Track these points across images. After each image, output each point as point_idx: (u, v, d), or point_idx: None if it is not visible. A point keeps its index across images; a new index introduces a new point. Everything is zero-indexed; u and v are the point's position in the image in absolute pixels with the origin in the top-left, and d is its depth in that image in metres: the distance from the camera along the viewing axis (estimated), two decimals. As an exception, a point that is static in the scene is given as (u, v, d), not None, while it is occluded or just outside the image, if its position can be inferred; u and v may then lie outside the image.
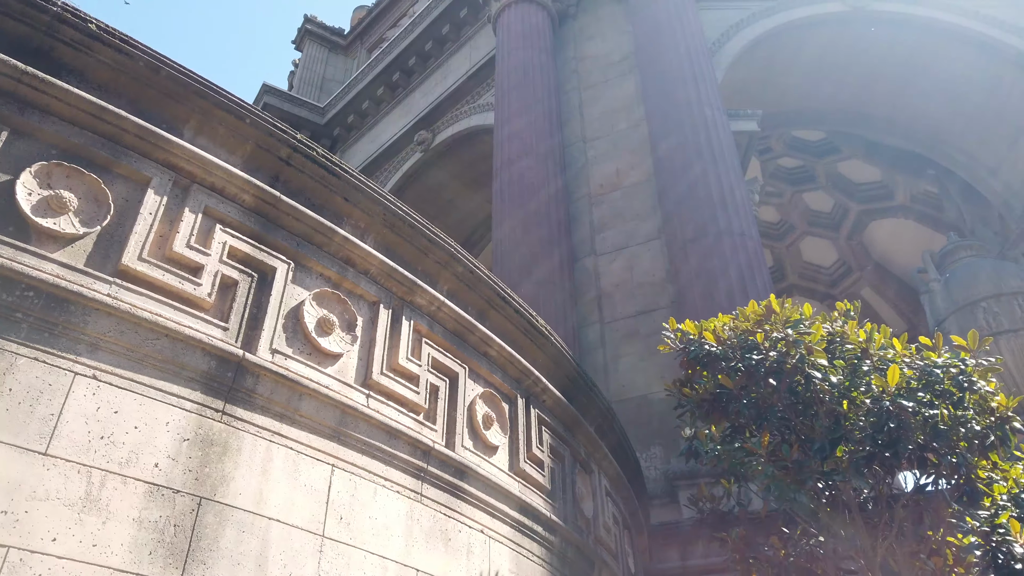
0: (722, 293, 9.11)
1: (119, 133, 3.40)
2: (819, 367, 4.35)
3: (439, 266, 4.83)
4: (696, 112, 11.11)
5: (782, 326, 4.60)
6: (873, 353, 4.55)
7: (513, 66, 13.30)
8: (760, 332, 4.64)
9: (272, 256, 3.82)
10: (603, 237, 11.50)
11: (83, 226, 3.14)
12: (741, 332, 4.75)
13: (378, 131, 18.06)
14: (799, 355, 4.40)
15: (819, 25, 14.22)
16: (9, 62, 3.10)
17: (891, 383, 4.16)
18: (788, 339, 4.50)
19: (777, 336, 4.55)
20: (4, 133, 3.05)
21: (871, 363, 4.50)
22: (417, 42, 17.38)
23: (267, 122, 4.07)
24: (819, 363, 4.36)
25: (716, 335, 4.81)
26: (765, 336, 4.60)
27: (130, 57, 3.60)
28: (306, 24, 22.13)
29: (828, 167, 20.22)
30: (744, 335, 4.72)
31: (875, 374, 4.37)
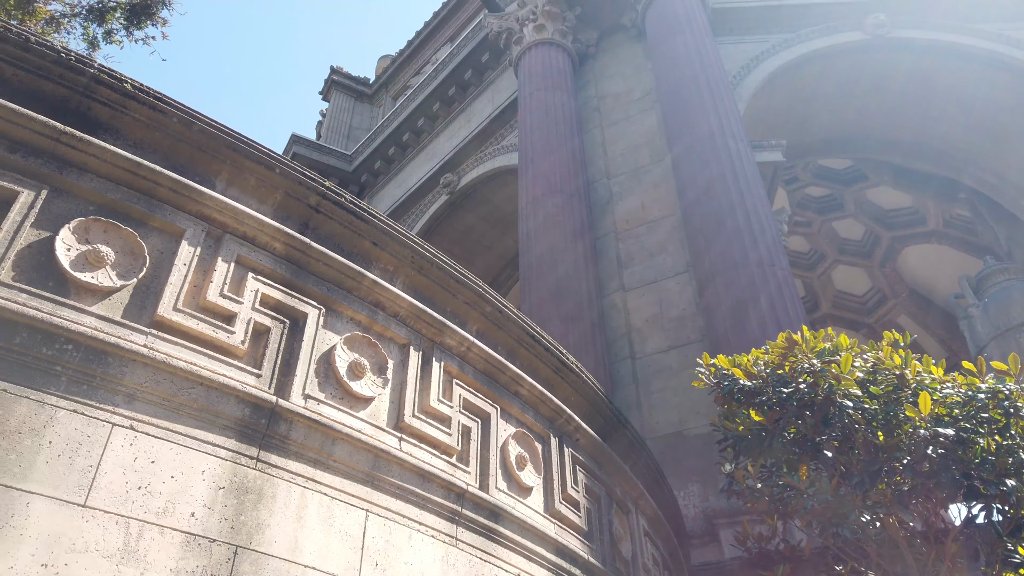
0: (754, 325, 9.00)
1: (154, 187, 3.49)
2: (851, 396, 4.25)
3: (468, 306, 4.85)
4: (719, 145, 11.12)
5: (808, 357, 4.53)
6: (910, 380, 4.43)
7: (535, 107, 13.47)
8: (787, 364, 4.57)
9: (303, 302, 3.87)
10: (630, 272, 11.47)
11: (120, 279, 3.21)
12: (771, 365, 4.68)
13: (404, 176, 18.34)
14: (828, 385, 4.31)
15: (840, 54, 14.23)
16: (48, 123, 3.22)
17: (924, 411, 4.04)
18: (814, 369, 4.42)
19: (804, 367, 4.47)
20: (44, 191, 3.16)
21: (908, 391, 4.38)
22: (440, 88, 17.72)
23: (296, 171, 4.16)
24: (852, 392, 4.26)
25: (747, 370, 4.74)
26: (792, 368, 4.52)
27: (163, 114, 3.71)
28: (332, 75, 22.71)
29: (856, 194, 20.04)
30: (774, 368, 4.65)
31: (911, 403, 4.26)
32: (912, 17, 14.26)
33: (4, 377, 2.76)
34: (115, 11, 11.16)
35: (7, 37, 3.27)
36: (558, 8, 14.61)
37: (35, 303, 2.92)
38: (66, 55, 3.49)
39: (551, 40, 14.37)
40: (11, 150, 3.16)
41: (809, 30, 14.17)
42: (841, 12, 14.29)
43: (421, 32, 21.76)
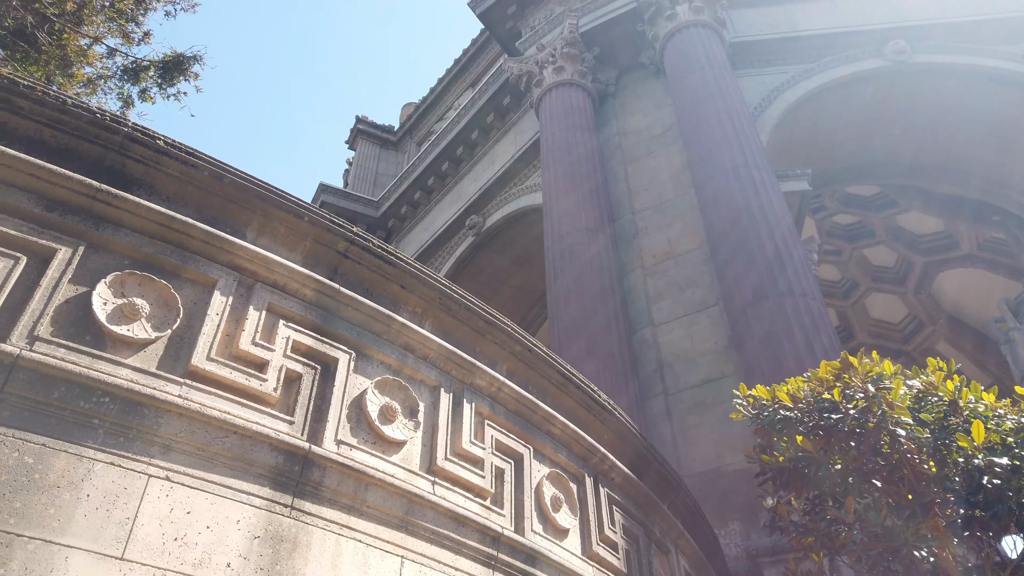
0: (788, 357, 8.84)
1: (187, 240, 3.57)
2: (903, 424, 4.13)
3: (497, 346, 4.84)
4: (744, 176, 11.09)
5: (861, 382, 4.40)
6: (963, 407, 4.28)
7: (558, 146, 13.59)
8: (837, 388, 4.45)
9: (334, 347, 3.89)
10: (660, 307, 11.39)
11: (155, 331, 3.26)
12: (816, 392, 4.56)
13: (431, 219, 18.54)
14: (881, 412, 4.18)
15: (861, 82, 14.20)
16: (85, 181, 3.31)
17: (977, 440, 3.91)
18: (868, 395, 4.30)
19: (856, 393, 4.35)
20: (81, 248, 3.23)
21: (960, 418, 4.24)
22: (463, 132, 17.98)
23: (324, 218, 4.22)
24: (903, 420, 4.14)
25: (791, 395, 4.63)
26: (842, 393, 4.40)
27: (195, 168, 3.81)
28: (358, 124, 23.21)
29: (886, 221, 19.79)
30: (819, 394, 4.53)
31: (963, 430, 4.12)
32: (933, 42, 14.22)
33: (43, 431, 2.80)
34: (149, 69, 11.57)
35: (46, 101, 3.39)
36: (576, 50, 14.82)
37: (73, 357, 2.98)
38: (101, 115, 3.61)
39: (571, 81, 14.55)
40: (49, 209, 3.26)
41: (828, 59, 14.18)
42: (860, 40, 14.31)
43: (443, 79, 22.19)
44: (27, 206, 3.21)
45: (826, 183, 16.48)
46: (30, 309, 2.97)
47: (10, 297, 2.97)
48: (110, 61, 11.50)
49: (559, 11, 15.61)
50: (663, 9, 14.08)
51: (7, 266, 3.01)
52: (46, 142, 3.50)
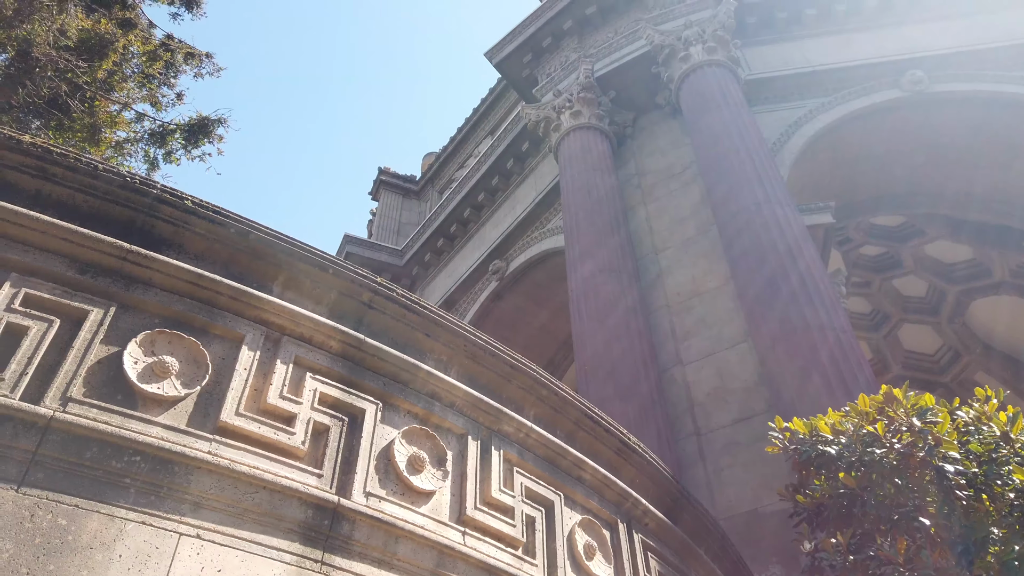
0: (821, 392, 8.68)
1: (214, 296, 3.62)
2: (951, 459, 4.00)
3: (523, 391, 4.81)
4: (766, 211, 11.06)
5: (906, 415, 4.29)
6: (1015, 439, 4.14)
7: (577, 188, 13.69)
8: (881, 422, 4.33)
9: (361, 398, 3.89)
10: (687, 345, 11.29)
11: (184, 388, 3.29)
12: (858, 425, 4.45)
13: (454, 266, 18.67)
14: (927, 447, 4.06)
15: (880, 113, 14.19)
16: (116, 243, 3.40)
17: (1031, 472, 3.78)
18: (914, 429, 4.18)
19: (900, 427, 4.23)
20: (112, 308, 3.30)
21: (1010, 450, 4.09)
22: (484, 179, 18.20)
23: (348, 270, 4.27)
24: (951, 455, 4.01)
25: (834, 428, 4.52)
26: (886, 427, 4.28)
27: (221, 226, 3.89)
28: (380, 176, 23.62)
29: (914, 251, 19.54)
30: (861, 428, 4.42)
31: (1015, 463, 3.97)
32: (951, 71, 14.20)
33: (76, 492, 2.82)
34: (175, 133, 11.95)
35: (78, 167, 3.50)
36: (592, 94, 15.02)
37: (105, 417, 3.01)
38: (131, 179, 3.72)
39: (588, 124, 14.72)
40: (82, 271, 3.34)
41: (845, 92, 14.21)
42: (876, 73, 14.34)
43: (462, 128, 22.56)
44: (60, 270, 3.29)
45: (850, 215, 16.36)
46: (63, 371, 3.03)
47: (44, 359, 3.03)
48: (138, 125, 11.91)
49: (574, 57, 15.88)
50: (677, 51, 14.26)
51: (41, 329, 3.07)
52: (78, 207, 3.60)
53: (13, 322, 3.04)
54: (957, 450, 4.02)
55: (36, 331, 3.06)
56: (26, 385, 2.93)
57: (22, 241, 3.25)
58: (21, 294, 3.12)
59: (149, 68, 11.31)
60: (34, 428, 2.83)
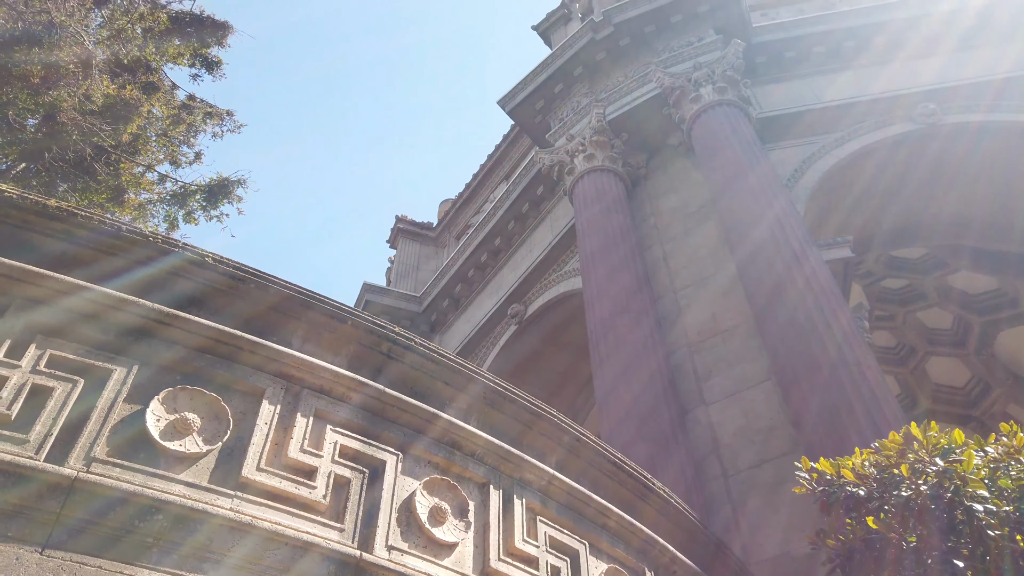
0: (850, 430, 8.52)
1: (235, 351, 3.66)
2: (979, 498, 3.89)
3: (545, 438, 4.78)
4: (784, 248, 11.01)
5: (928, 455, 4.19)
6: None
7: (593, 230, 13.73)
8: (904, 464, 4.24)
9: (381, 449, 3.89)
10: (710, 385, 11.16)
11: (206, 444, 3.31)
12: (884, 466, 4.35)
13: (472, 311, 18.70)
14: (954, 487, 3.96)
15: (894, 146, 14.18)
16: (138, 302, 3.46)
17: (1065, 511, 3.67)
18: (938, 469, 4.08)
19: (925, 467, 4.14)
20: (135, 367, 3.34)
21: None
22: (500, 223, 18.34)
23: (367, 321, 4.31)
24: (979, 494, 3.91)
25: (856, 472, 4.42)
26: (911, 468, 4.19)
27: (242, 281, 3.95)
28: (398, 224, 23.89)
29: (937, 282, 19.32)
30: (887, 469, 4.32)
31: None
32: (963, 103, 14.20)
33: (99, 553, 2.82)
34: (195, 193, 12.24)
35: (102, 228, 3.59)
36: (605, 137, 15.17)
37: (128, 476, 3.03)
38: (154, 238, 3.80)
39: (602, 167, 14.83)
40: (105, 330, 3.39)
41: (858, 127, 14.23)
42: (887, 107, 14.38)
43: (477, 174, 22.84)
44: (85, 329, 3.35)
45: (869, 248, 16.25)
46: (87, 430, 3.06)
47: (68, 420, 3.07)
48: (160, 187, 12.23)
49: (585, 102, 16.09)
50: (687, 92, 14.41)
51: (66, 390, 3.12)
52: (102, 267, 3.68)
53: (39, 383, 3.09)
54: (985, 488, 3.91)
55: (61, 392, 3.11)
56: (51, 446, 2.96)
57: (48, 303, 3.32)
58: (46, 355, 3.18)
59: (172, 131, 11.66)
60: (58, 489, 2.85)
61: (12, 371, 3.07)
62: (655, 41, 15.80)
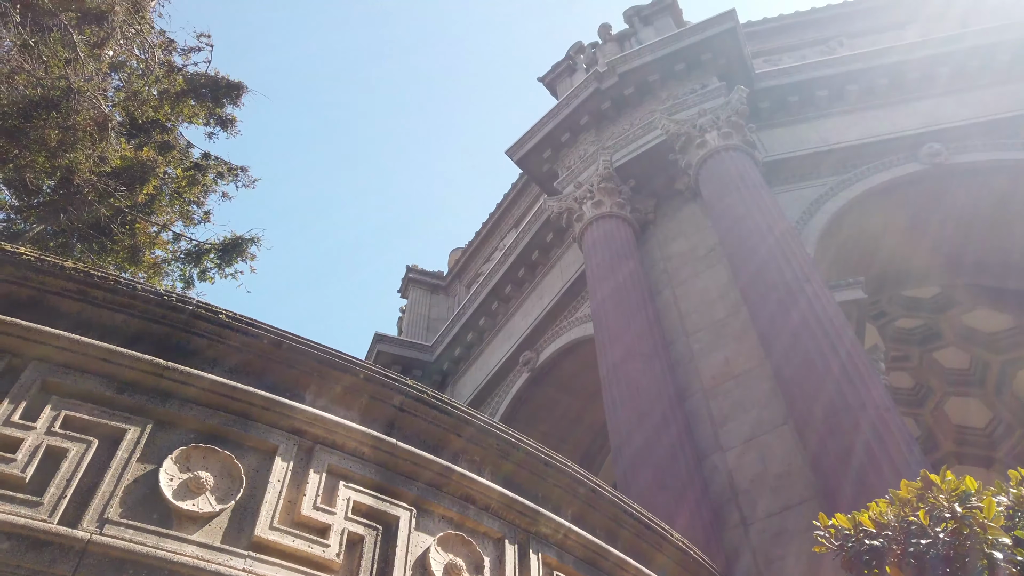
0: (870, 474, 8.36)
1: (248, 408, 3.66)
2: (1000, 546, 3.79)
3: (560, 490, 4.72)
4: (795, 290, 10.98)
5: (946, 502, 4.10)
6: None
7: (603, 276, 13.76)
8: (922, 511, 4.15)
9: (395, 505, 3.85)
10: (727, 430, 11.02)
11: (219, 503, 3.29)
12: (901, 515, 4.26)
13: (484, 359, 18.65)
14: (972, 534, 3.86)
15: (901, 186, 14.23)
16: (153, 361, 3.48)
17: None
18: (956, 516, 3.99)
19: (943, 514, 4.05)
20: (149, 426, 3.35)
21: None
22: (510, 271, 18.41)
23: (378, 374, 4.31)
24: (1001, 541, 3.81)
25: (875, 522, 4.32)
26: (928, 515, 4.10)
27: (255, 338, 3.97)
28: (409, 273, 24.02)
29: (952, 321, 19.14)
30: (904, 518, 4.22)
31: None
32: (970, 142, 14.28)
33: (111, 617, 2.79)
34: (210, 252, 12.40)
35: (117, 289, 3.63)
36: (612, 183, 15.31)
37: (141, 538, 3.01)
38: (168, 296, 3.84)
39: (610, 213, 14.92)
40: (120, 390, 3.41)
41: (864, 168, 14.32)
42: (893, 148, 14.47)
43: (487, 223, 23.02)
44: (100, 389, 3.37)
45: (882, 289, 16.17)
46: (100, 492, 3.05)
47: (82, 481, 3.06)
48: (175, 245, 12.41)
49: (592, 150, 16.29)
50: (693, 138, 14.57)
51: (80, 451, 3.12)
52: (118, 326, 3.71)
53: (53, 445, 3.10)
54: (1004, 535, 3.81)
55: (75, 453, 3.11)
56: (64, 508, 2.95)
57: (63, 364, 3.35)
58: (61, 416, 3.19)
59: (187, 192, 11.91)
60: (71, 552, 2.83)
61: (27, 433, 3.08)
62: (659, 89, 16.05)
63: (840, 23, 18.61)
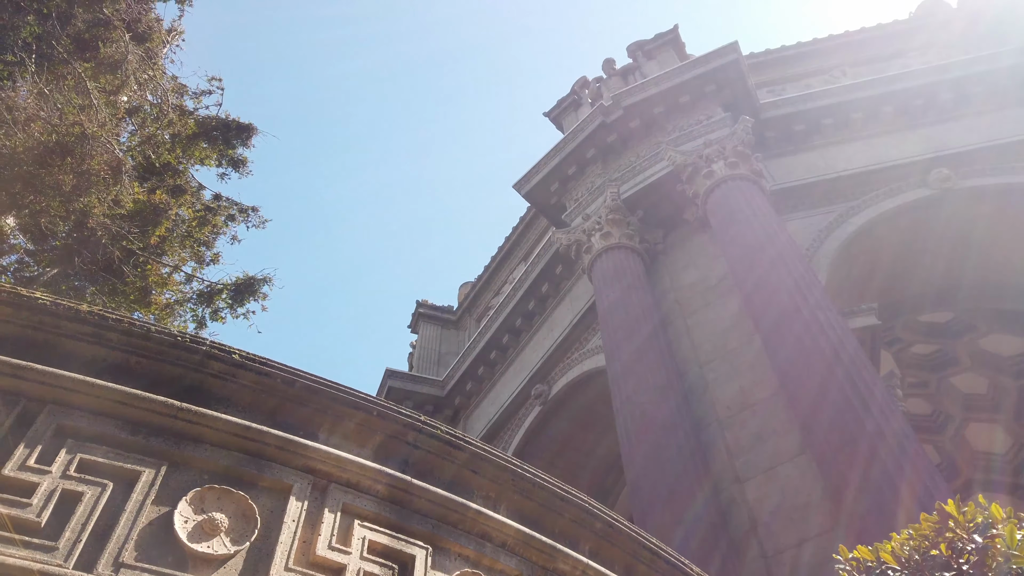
0: (891, 503, 8.23)
1: (262, 448, 3.65)
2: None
3: (576, 525, 4.65)
4: (808, 318, 10.92)
5: (966, 533, 4.03)
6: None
7: (614, 308, 13.74)
8: (943, 543, 4.07)
9: (410, 543, 3.80)
10: (744, 462, 10.89)
11: (233, 544, 3.26)
12: (922, 548, 4.17)
13: (496, 393, 18.57)
14: (996, 564, 3.78)
15: (910, 212, 14.23)
16: (168, 402, 3.49)
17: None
18: (978, 547, 3.91)
19: (966, 545, 3.97)
20: (163, 467, 3.34)
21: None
22: (520, 304, 18.41)
23: (392, 411, 4.29)
24: (1024, 570, 3.72)
25: (897, 555, 4.24)
26: (950, 547, 4.01)
27: (268, 376, 3.97)
28: (419, 309, 24.06)
29: (969, 346, 18.95)
30: (926, 551, 4.14)
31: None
32: (979, 166, 14.30)
33: (125, 664, 2.76)
34: (222, 293, 12.50)
35: (132, 331, 3.66)
36: (621, 215, 15.37)
37: (155, 582, 2.98)
38: (182, 337, 3.86)
39: (619, 244, 14.96)
40: (134, 432, 3.41)
41: (873, 195, 14.34)
42: (900, 174, 14.50)
43: (496, 256, 23.09)
44: (114, 432, 3.37)
45: (896, 314, 16.07)
46: (115, 535, 3.03)
47: (97, 524, 3.05)
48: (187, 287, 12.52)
49: (600, 182, 16.39)
50: (699, 168, 14.64)
51: (95, 494, 3.11)
52: (132, 368, 3.73)
53: (68, 489, 3.09)
54: None
55: (90, 496, 3.10)
56: (80, 552, 2.93)
57: (78, 407, 3.36)
58: (76, 460, 3.19)
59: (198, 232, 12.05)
60: (86, 597, 2.81)
61: (42, 477, 3.08)
62: (664, 121, 16.18)
63: (842, 52, 18.77)
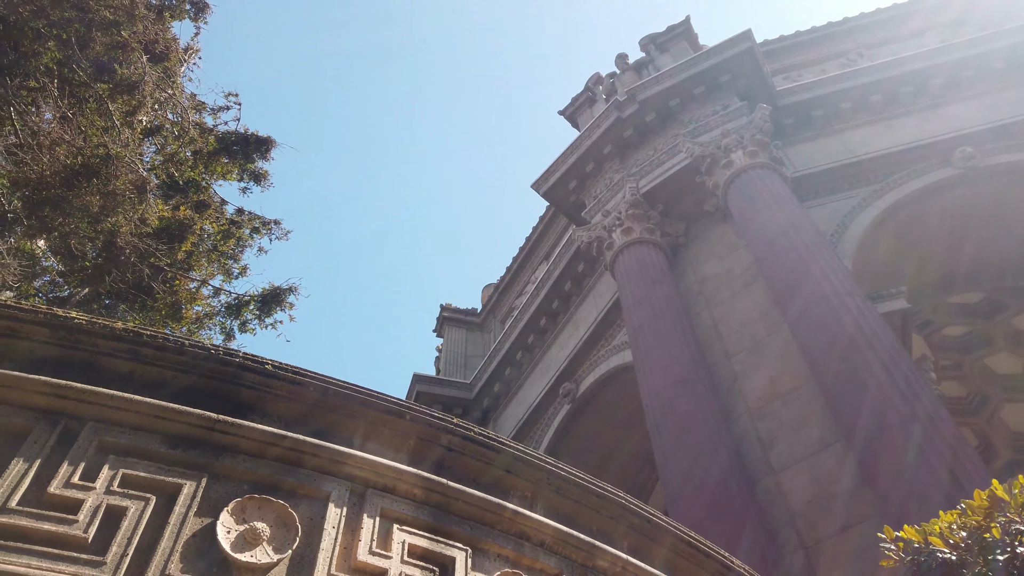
0: (931, 488, 8.11)
1: (299, 456, 3.68)
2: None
3: (613, 521, 4.64)
4: (837, 304, 10.80)
5: (1018, 513, 3.95)
6: None
7: (638, 303, 13.67)
8: (995, 525, 3.99)
9: (449, 546, 3.81)
10: (777, 453, 10.78)
11: (276, 553, 3.29)
12: (974, 529, 4.10)
13: (524, 393, 18.58)
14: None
15: (935, 192, 14.01)
16: (205, 415, 3.53)
17: None
18: None
19: (1018, 528, 3.89)
20: (204, 479, 3.38)
21: None
22: (544, 303, 18.40)
23: (425, 414, 4.31)
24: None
25: (944, 538, 4.17)
26: (1002, 529, 3.94)
27: (301, 385, 4.01)
28: (443, 313, 24.15)
29: (1001, 326, 18.61)
30: (978, 532, 4.06)
31: None
32: (1003, 143, 14.04)
33: (177, 674, 2.79)
34: (249, 304, 12.66)
35: (166, 346, 3.71)
36: (640, 210, 15.29)
37: (202, 593, 3.02)
38: (215, 350, 3.91)
39: (640, 239, 14.89)
40: (173, 445, 3.46)
41: (896, 177, 14.15)
42: (924, 154, 14.29)
43: (517, 257, 23.11)
44: (154, 446, 3.42)
45: (925, 297, 15.83)
46: (160, 548, 3.07)
47: (142, 539, 3.09)
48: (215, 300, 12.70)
49: (618, 178, 16.33)
50: (719, 159, 14.54)
51: (139, 508, 3.16)
52: (167, 383, 3.78)
53: (113, 504, 3.14)
54: None
55: (134, 511, 3.15)
56: (127, 567, 2.97)
57: (118, 423, 3.41)
58: (119, 475, 3.24)
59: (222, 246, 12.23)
60: (135, 611, 2.85)
61: (87, 493, 3.13)
62: (680, 113, 16.09)
63: (857, 35, 18.55)
